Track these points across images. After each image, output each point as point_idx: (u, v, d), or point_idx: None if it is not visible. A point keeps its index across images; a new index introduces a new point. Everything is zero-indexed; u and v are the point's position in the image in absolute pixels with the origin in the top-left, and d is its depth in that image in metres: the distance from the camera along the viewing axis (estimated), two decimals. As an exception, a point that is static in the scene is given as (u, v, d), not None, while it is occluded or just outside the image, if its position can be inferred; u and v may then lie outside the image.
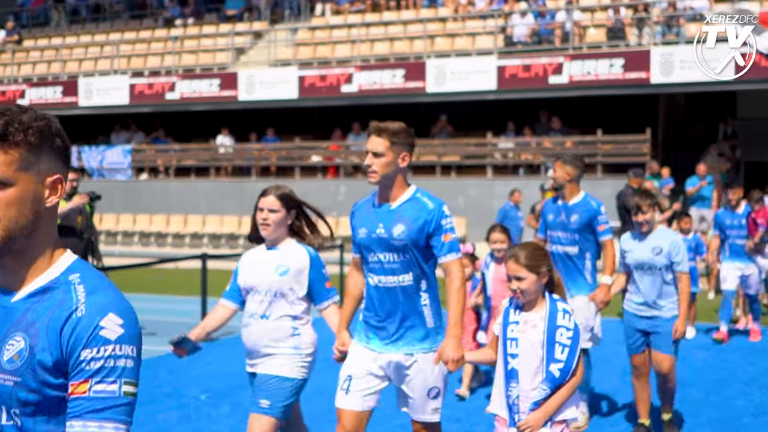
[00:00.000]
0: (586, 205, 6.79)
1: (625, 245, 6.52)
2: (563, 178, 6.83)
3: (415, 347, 4.45)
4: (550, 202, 7.09)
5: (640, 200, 6.35)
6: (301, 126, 23.29)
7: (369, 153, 4.47)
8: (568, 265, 6.78)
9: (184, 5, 26.79)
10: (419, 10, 22.94)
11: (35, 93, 24.46)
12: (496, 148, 20.48)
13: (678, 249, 6.29)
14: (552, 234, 6.94)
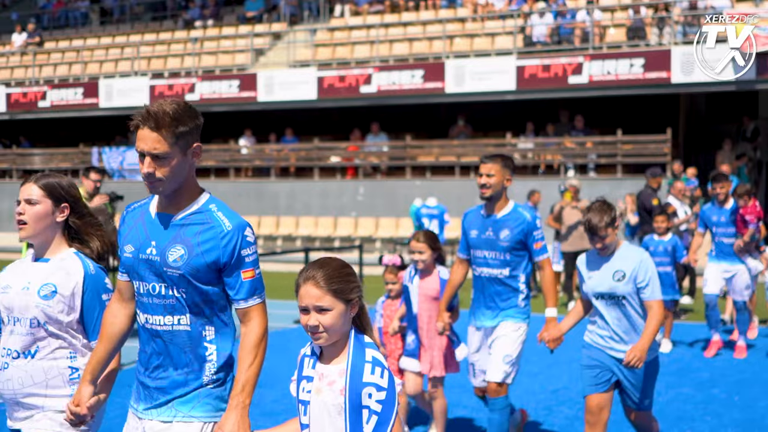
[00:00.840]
0: (519, 218, 5.74)
1: (582, 269, 5.39)
2: (500, 183, 5.71)
3: None
4: (473, 215, 6.00)
5: (594, 221, 5.14)
6: (320, 126, 23.32)
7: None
8: (498, 291, 5.81)
9: (204, 7, 26.91)
10: (438, 11, 22.92)
11: (56, 94, 24.63)
12: (516, 149, 20.42)
13: (645, 271, 5.13)
14: (477, 254, 5.88)
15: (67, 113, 24.74)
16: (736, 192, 9.63)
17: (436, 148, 21.02)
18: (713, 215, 9.77)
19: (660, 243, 9.70)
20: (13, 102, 25.17)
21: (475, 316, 5.93)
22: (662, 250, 9.59)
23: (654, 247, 9.58)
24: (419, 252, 6.03)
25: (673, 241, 9.69)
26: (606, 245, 5.16)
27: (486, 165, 5.66)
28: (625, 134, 19.13)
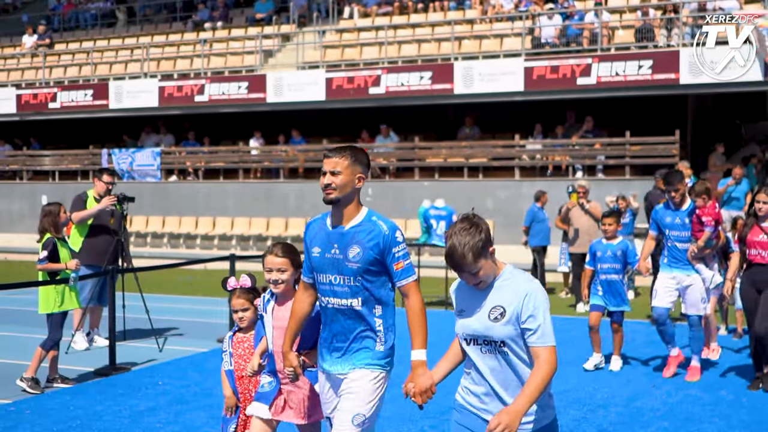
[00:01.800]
0: (372, 231, 4.30)
1: (455, 298, 3.91)
2: (349, 183, 4.32)
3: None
4: (316, 226, 4.52)
5: (456, 252, 3.63)
6: (329, 128, 23.37)
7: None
8: (349, 327, 4.37)
9: (213, 9, 27.00)
10: (446, 12, 22.95)
11: (66, 96, 24.74)
12: (524, 150, 20.43)
13: (533, 307, 3.65)
14: (320, 278, 4.42)
15: (77, 114, 24.85)
16: (693, 190, 8.66)
17: (444, 150, 21.05)
18: (666, 217, 8.75)
19: (608, 247, 8.96)
20: (23, 103, 25.29)
21: (322, 357, 4.50)
22: (611, 255, 8.89)
23: (602, 252, 8.93)
24: (278, 270, 4.70)
25: (623, 245, 8.89)
26: (481, 279, 3.71)
27: (330, 160, 4.31)
28: (633, 135, 19.12)
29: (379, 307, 4.37)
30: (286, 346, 4.51)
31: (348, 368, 4.39)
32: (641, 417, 7.15)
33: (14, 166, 25.74)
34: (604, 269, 9.00)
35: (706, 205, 8.58)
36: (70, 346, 9.77)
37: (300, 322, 4.54)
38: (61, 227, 8.30)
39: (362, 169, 4.40)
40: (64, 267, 8.06)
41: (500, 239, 19.33)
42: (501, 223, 19.29)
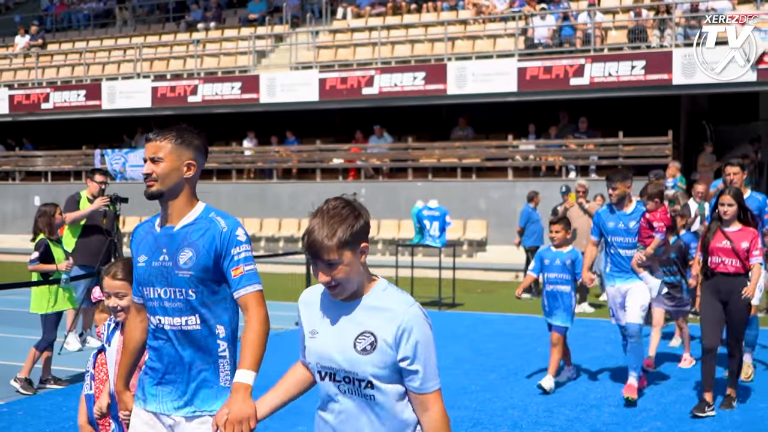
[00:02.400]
0: (207, 229, 3.43)
1: (304, 313, 3.03)
2: (175, 173, 3.47)
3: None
4: (144, 229, 3.62)
5: (317, 237, 2.77)
6: (322, 128, 23.36)
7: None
8: (189, 356, 3.45)
9: (207, 9, 26.97)
10: (440, 13, 22.96)
11: (59, 96, 24.69)
12: (517, 150, 20.45)
13: (415, 339, 2.78)
14: (147, 293, 3.49)
15: (70, 115, 24.79)
16: (645, 192, 8.02)
17: (437, 150, 21.06)
18: (609, 221, 7.96)
19: (557, 255, 8.11)
20: (16, 104, 25.23)
21: (147, 394, 3.52)
22: (559, 264, 8.04)
23: (550, 260, 8.11)
24: (116, 295, 3.93)
25: (573, 255, 8.06)
26: (338, 280, 2.78)
27: (151, 144, 3.49)
28: (626, 136, 19.16)
29: (221, 328, 3.43)
30: (120, 385, 3.68)
31: (184, 412, 3.43)
32: (634, 417, 7.16)
33: (7, 167, 25.66)
34: (551, 279, 8.09)
35: (658, 209, 7.93)
36: (62, 347, 9.75)
37: (133, 354, 3.63)
38: (56, 228, 8.29)
39: (193, 153, 3.50)
40: (54, 268, 8.04)
41: (493, 239, 19.37)
42: (494, 223, 19.31)
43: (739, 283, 7.12)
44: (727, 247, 7.16)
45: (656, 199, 7.95)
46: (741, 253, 7.11)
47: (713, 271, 7.24)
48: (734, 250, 7.12)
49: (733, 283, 7.14)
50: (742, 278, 7.15)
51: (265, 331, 3.33)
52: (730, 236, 7.18)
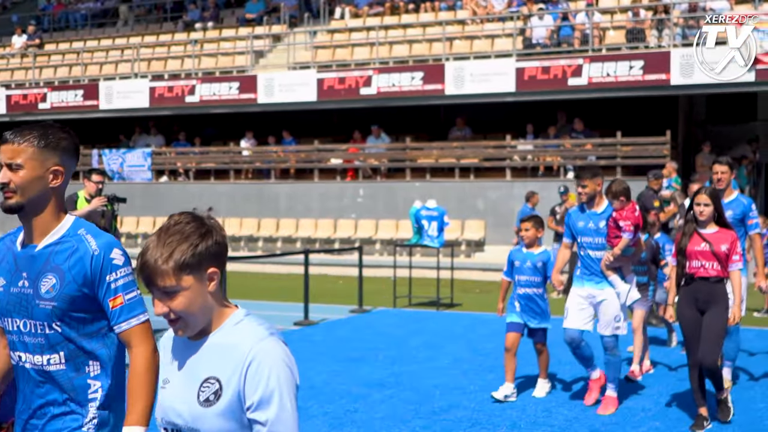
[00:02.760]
0: (75, 249, 2.91)
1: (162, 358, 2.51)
2: (40, 182, 2.95)
3: None
4: (4, 245, 3.05)
5: (148, 259, 2.26)
6: (320, 128, 23.34)
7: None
8: (45, 396, 2.95)
9: (204, 9, 26.94)
10: (438, 13, 22.95)
11: (56, 96, 24.65)
12: (516, 150, 20.44)
13: (266, 381, 2.24)
14: (7, 324, 2.97)
15: (67, 115, 24.72)
16: (610, 190, 7.42)
17: (435, 150, 21.04)
18: (579, 221, 7.56)
19: (528, 257, 7.71)
20: (13, 104, 25.19)
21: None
22: (530, 267, 7.65)
23: (521, 262, 7.71)
24: None
25: (544, 256, 7.68)
26: (177, 314, 2.29)
27: (7, 147, 2.97)
28: (624, 136, 19.15)
29: (94, 365, 2.93)
30: None
31: None
32: (633, 417, 7.14)
33: (4, 167, 25.59)
34: (522, 282, 7.67)
35: (624, 207, 7.36)
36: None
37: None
38: None
39: (60, 157, 2.96)
40: None
41: (491, 240, 19.35)
42: (492, 223, 19.30)
43: (719, 290, 6.67)
44: (706, 250, 6.66)
45: (622, 198, 7.32)
46: (721, 255, 6.63)
47: (692, 276, 6.71)
48: (714, 252, 6.63)
49: (713, 290, 6.67)
50: (723, 284, 6.69)
51: (152, 372, 2.83)
52: (708, 238, 6.69)
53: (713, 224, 6.78)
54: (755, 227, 8.03)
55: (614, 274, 7.29)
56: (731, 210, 7.85)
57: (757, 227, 8.05)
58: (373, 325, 12.09)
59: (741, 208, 8.00)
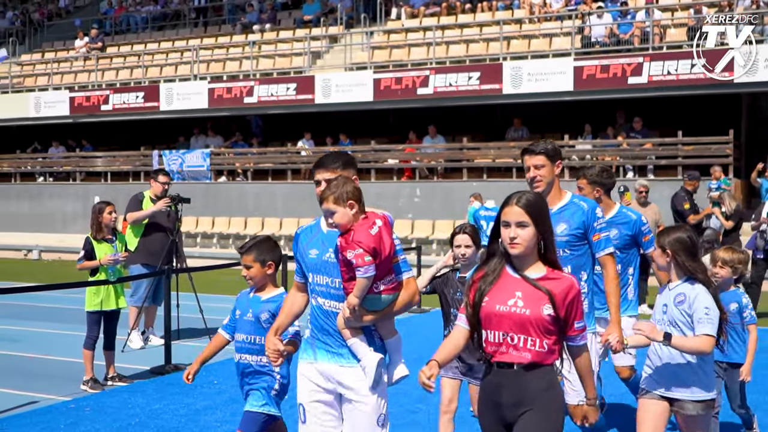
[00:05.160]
0: None
1: None
2: None
3: None
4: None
5: None
6: (376, 128, 23.41)
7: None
8: None
9: (262, 11, 27.21)
10: (495, 12, 22.86)
11: (118, 98, 25.10)
12: (574, 150, 20.27)
13: None
14: None
15: (129, 116, 25.21)
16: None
17: (492, 150, 20.97)
18: None
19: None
20: (76, 105, 25.71)
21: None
22: None
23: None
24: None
25: None
26: None
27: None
28: (685, 135, 18.86)
29: None
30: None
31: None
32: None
33: (68, 168, 26.19)
34: None
35: (354, 225, 4.36)
36: (126, 345, 9.91)
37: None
38: (106, 227, 8.22)
39: None
40: (97, 264, 8.12)
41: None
42: (550, 223, 19.15)
43: (534, 387, 3.63)
44: (515, 313, 3.61)
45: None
46: (540, 325, 3.59)
47: (489, 358, 3.72)
48: (531, 320, 3.59)
49: (524, 386, 3.64)
50: (539, 377, 3.65)
51: None
52: (522, 289, 3.66)
53: (538, 261, 3.72)
54: (651, 244, 6.04)
55: (354, 338, 4.10)
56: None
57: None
58: (432, 326, 12.09)
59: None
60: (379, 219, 4.13)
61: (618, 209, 6.39)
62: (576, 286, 3.68)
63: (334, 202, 4.07)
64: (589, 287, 5.20)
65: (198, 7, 29.60)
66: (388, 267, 4.06)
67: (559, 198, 5.19)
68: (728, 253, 5.85)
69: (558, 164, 5.20)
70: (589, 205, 5.22)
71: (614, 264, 5.23)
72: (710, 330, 4.44)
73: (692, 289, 4.57)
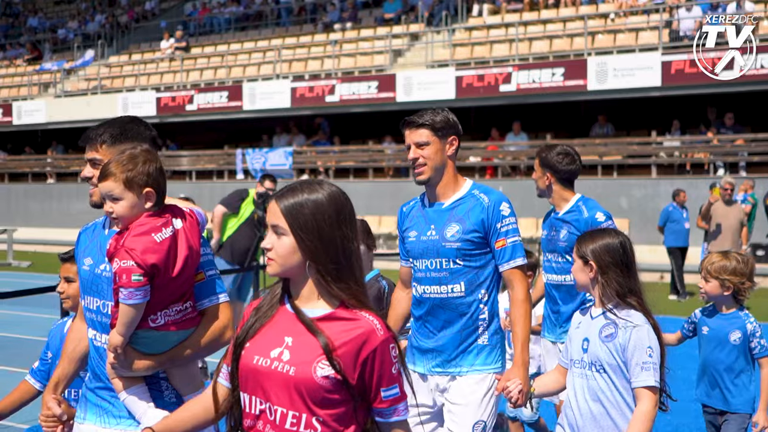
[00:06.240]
0: None
1: None
2: None
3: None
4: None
5: None
6: (458, 126, 23.24)
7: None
8: None
9: (343, 10, 27.32)
10: (579, 7, 22.47)
11: (203, 98, 25.49)
12: (662, 147, 19.77)
13: None
14: None
15: (213, 116, 25.58)
16: None
17: (577, 147, 20.48)
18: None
19: None
20: (162, 106, 26.21)
21: None
22: None
23: None
24: None
25: None
26: None
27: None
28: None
29: None
30: None
31: None
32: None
33: (154, 167, 26.68)
34: None
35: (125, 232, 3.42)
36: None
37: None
38: None
39: None
40: None
41: (635, 239, 18.68)
42: (636, 222, 18.72)
43: None
44: (276, 370, 2.33)
45: None
46: (311, 392, 2.30)
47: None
48: (297, 383, 2.31)
49: None
50: None
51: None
52: (294, 333, 2.39)
53: None
54: None
55: (134, 390, 2.92)
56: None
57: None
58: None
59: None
60: (177, 219, 2.84)
61: (574, 203, 5.07)
62: (379, 335, 2.29)
63: (123, 183, 2.77)
64: (490, 312, 3.84)
65: (280, 7, 29.88)
66: (180, 290, 2.82)
67: (453, 188, 3.96)
68: (718, 261, 4.50)
69: (451, 141, 3.92)
70: (492, 198, 3.88)
71: (524, 282, 3.85)
72: (654, 380, 3.26)
73: (627, 320, 3.34)
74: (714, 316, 4.61)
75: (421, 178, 3.94)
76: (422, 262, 3.91)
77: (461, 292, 3.79)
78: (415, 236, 3.98)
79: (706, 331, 4.65)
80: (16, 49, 34.99)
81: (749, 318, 4.56)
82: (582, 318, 3.52)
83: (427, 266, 3.87)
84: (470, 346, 3.80)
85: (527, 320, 3.78)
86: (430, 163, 3.90)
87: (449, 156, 3.92)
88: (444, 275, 3.83)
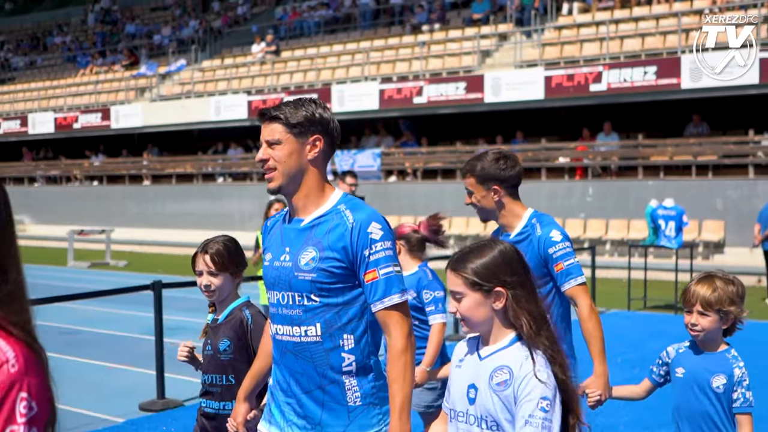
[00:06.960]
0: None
1: None
2: None
3: None
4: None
5: None
6: (547, 126, 23.01)
7: None
8: None
9: (431, 11, 27.34)
10: (672, 4, 21.97)
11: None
12: (759, 146, 19.17)
13: None
14: None
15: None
16: None
17: (670, 147, 20.15)
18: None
19: None
20: (254, 109, 26.68)
21: None
22: None
23: None
24: None
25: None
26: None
27: None
28: None
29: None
30: None
31: None
32: (647, 414, 6.42)
33: (245, 168, 27.23)
34: None
35: None
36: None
37: None
38: None
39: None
40: (255, 258, 8.58)
41: (731, 241, 18.28)
42: (732, 224, 18.21)
43: None
44: None
45: None
46: None
47: None
48: None
49: None
50: None
51: None
52: None
53: None
54: (568, 275, 3.99)
55: None
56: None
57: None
58: (609, 327, 11.72)
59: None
60: None
61: (527, 219, 4.09)
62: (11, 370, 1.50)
63: None
64: (360, 362, 2.92)
65: (368, 9, 30.07)
66: None
67: (316, 202, 3.00)
68: (711, 287, 3.56)
69: (314, 142, 3.01)
70: (358, 218, 2.91)
71: (405, 324, 2.87)
72: None
73: (522, 360, 2.49)
74: (695, 354, 3.64)
75: (270, 186, 2.97)
76: (274, 295, 3.00)
77: (316, 336, 2.87)
78: (269, 260, 3.05)
79: (681, 374, 3.65)
80: (114, 55, 36.13)
81: (738, 361, 3.61)
82: (463, 356, 2.75)
83: (279, 300, 2.97)
84: (337, 406, 2.89)
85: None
86: (281, 167, 2.94)
87: (310, 160, 2.97)
88: (296, 313, 2.91)
